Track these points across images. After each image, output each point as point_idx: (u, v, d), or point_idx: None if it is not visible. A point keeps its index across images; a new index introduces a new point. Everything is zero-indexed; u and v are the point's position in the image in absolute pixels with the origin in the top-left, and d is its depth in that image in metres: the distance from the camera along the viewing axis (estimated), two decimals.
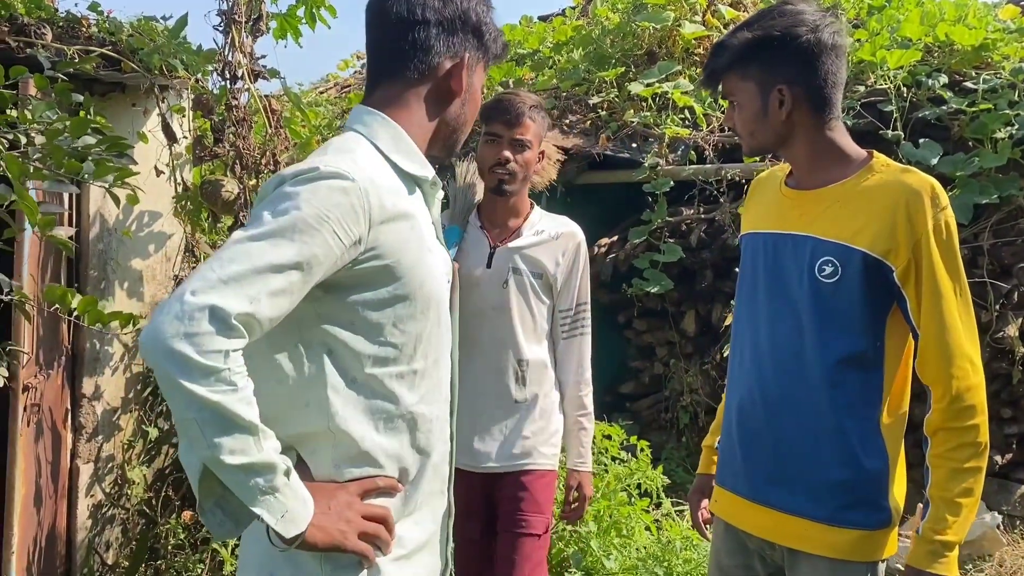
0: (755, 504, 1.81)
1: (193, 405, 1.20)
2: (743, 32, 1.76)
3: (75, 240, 3.50)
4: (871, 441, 1.71)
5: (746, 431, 1.84)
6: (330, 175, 1.32)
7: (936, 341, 1.65)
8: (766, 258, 1.82)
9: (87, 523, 3.57)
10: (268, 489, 1.25)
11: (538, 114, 2.46)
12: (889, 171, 1.73)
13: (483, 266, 2.48)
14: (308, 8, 4.04)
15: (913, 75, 4.46)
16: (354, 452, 1.40)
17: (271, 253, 1.25)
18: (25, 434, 2.97)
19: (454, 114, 1.54)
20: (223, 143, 3.20)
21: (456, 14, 1.50)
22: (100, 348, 3.57)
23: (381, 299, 1.40)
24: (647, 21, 5.16)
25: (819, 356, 1.72)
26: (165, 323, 1.20)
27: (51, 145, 1.86)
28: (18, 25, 3.20)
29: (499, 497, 2.50)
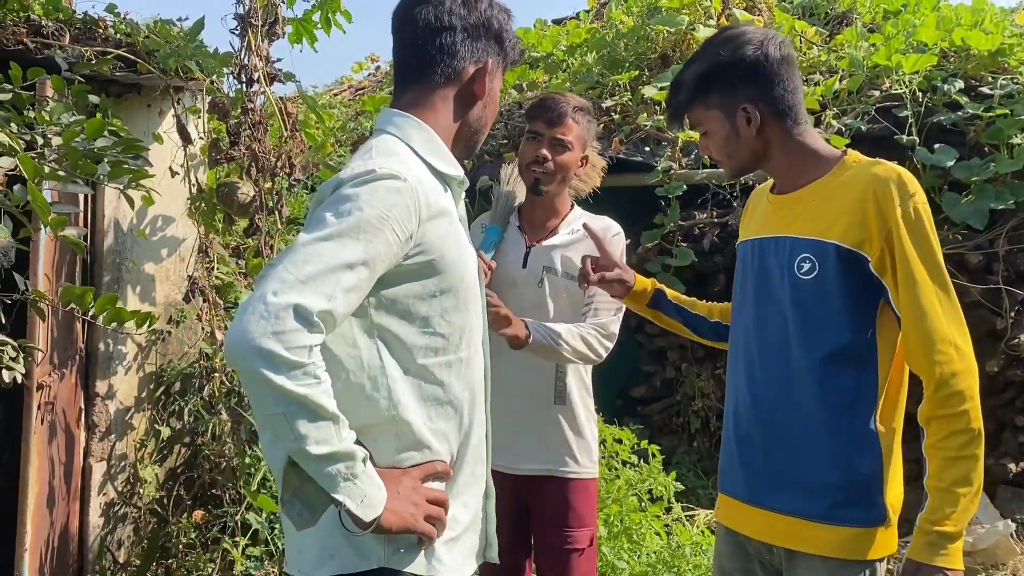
0: (751, 507, 1.83)
1: (282, 400, 1.27)
2: (695, 66, 1.81)
3: (89, 240, 3.52)
4: (865, 439, 1.70)
5: (741, 435, 1.86)
6: (386, 176, 1.41)
7: (916, 328, 1.64)
8: (753, 263, 1.86)
9: (99, 521, 3.59)
10: (349, 476, 1.34)
11: (583, 117, 2.44)
12: (859, 165, 1.77)
13: (519, 266, 2.46)
14: (324, 13, 4.06)
15: (929, 80, 4.44)
16: (413, 439, 1.49)
17: (341, 253, 1.33)
18: (39, 432, 2.99)
19: (476, 116, 1.63)
20: (239, 146, 3.21)
21: (480, 21, 1.58)
22: (114, 348, 3.59)
23: (428, 292, 1.49)
24: (661, 24, 5.15)
25: (805, 355, 1.74)
26: (251, 323, 1.26)
27: (67, 146, 1.87)
28: (36, 27, 3.23)
29: (536, 504, 2.45)
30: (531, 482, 2.43)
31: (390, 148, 1.50)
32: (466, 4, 1.57)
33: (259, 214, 3.13)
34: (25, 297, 2.05)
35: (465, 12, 1.56)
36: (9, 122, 2.01)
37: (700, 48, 1.87)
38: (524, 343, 2.29)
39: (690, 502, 4.10)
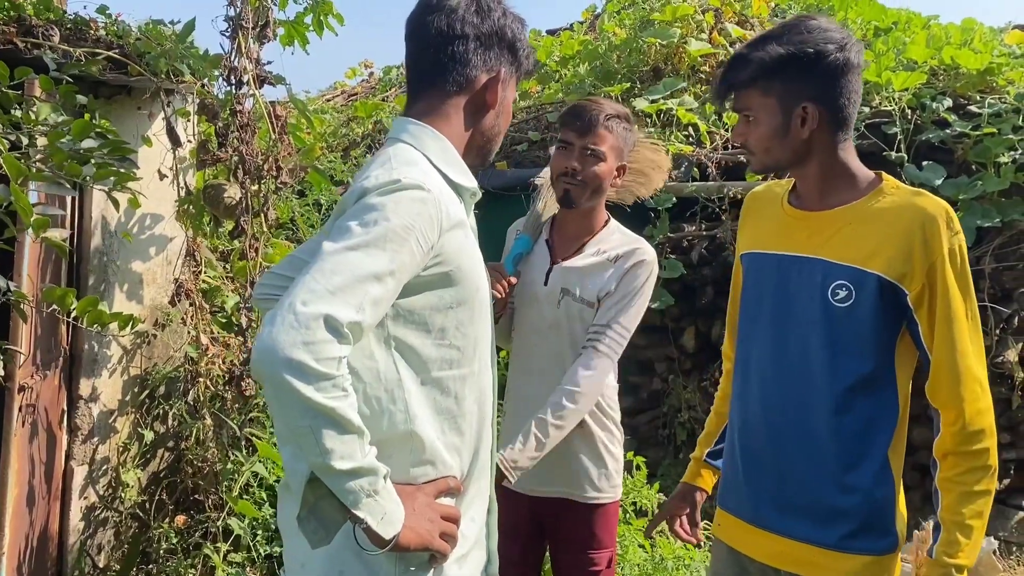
0: (759, 529, 1.78)
1: (309, 412, 1.25)
2: (772, 46, 1.68)
3: (76, 241, 3.50)
4: (880, 468, 1.69)
5: (748, 455, 1.82)
6: (411, 186, 1.40)
7: (948, 365, 1.64)
8: (771, 280, 1.79)
9: (79, 525, 3.56)
10: (371, 492, 1.32)
11: (618, 125, 2.30)
12: (901, 194, 1.71)
13: (541, 283, 2.36)
14: (316, 15, 4.05)
15: (918, 97, 4.47)
16: (426, 454, 1.47)
17: (368, 263, 1.31)
18: (20, 434, 2.96)
19: (488, 125, 1.62)
20: (226, 148, 3.20)
21: (493, 30, 1.57)
22: (98, 350, 3.57)
23: (445, 304, 1.48)
24: (653, 37, 5.17)
25: (828, 382, 1.70)
26: (281, 333, 1.24)
27: (52, 147, 1.86)
28: (26, 26, 3.21)
29: (553, 525, 2.39)
30: (548, 504, 2.36)
31: (409, 158, 1.49)
32: (479, 12, 1.56)
33: (244, 216, 3.11)
34: (7, 298, 2.03)
35: (478, 20, 1.56)
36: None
37: (779, 29, 1.73)
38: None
39: None
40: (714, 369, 4.71)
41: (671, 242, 4.77)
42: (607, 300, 2.31)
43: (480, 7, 1.57)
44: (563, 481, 2.33)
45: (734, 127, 1.83)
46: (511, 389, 2.42)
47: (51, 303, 2.13)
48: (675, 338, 5.02)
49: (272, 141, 3.23)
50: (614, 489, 2.39)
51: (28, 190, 1.92)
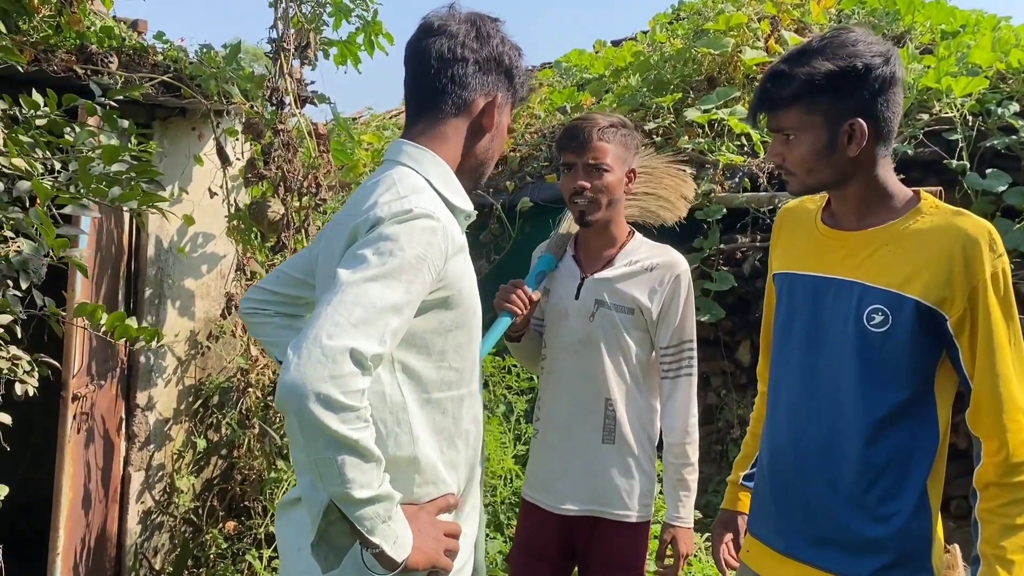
0: (789, 559, 1.73)
1: (333, 444, 1.28)
2: (818, 61, 1.59)
3: (134, 257, 3.68)
4: (918, 499, 1.63)
5: (778, 482, 1.77)
6: (421, 215, 1.43)
7: (991, 393, 1.58)
8: (805, 302, 1.74)
9: (136, 528, 3.72)
10: (386, 518, 1.35)
11: (615, 134, 2.28)
12: (940, 213, 1.64)
13: (571, 297, 2.34)
14: (367, 36, 4.16)
15: (982, 103, 4.29)
16: (430, 474, 1.51)
17: (387, 295, 1.35)
18: (74, 441, 3.12)
19: (483, 148, 1.65)
20: (270, 166, 3.32)
21: (491, 56, 1.61)
22: (154, 361, 3.73)
23: (445, 327, 1.51)
24: (706, 47, 5.11)
25: (861, 410, 1.65)
26: (309, 367, 1.26)
27: (82, 171, 1.97)
28: (87, 54, 3.40)
29: (580, 547, 2.36)
30: (578, 522, 2.33)
31: (414, 183, 1.51)
32: (479, 38, 1.60)
33: (286, 231, 3.22)
34: (43, 314, 2.15)
35: (477, 46, 1.59)
36: (35, 147, 2.12)
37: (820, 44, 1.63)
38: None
39: None
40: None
41: (723, 254, 4.69)
42: (661, 320, 2.30)
43: (480, 33, 1.61)
44: (593, 498, 2.31)
45: (770, 147, 1.74)
46: (543, 408, 2.40)
47: (82, 318, 2.24)
48: (729, 352, 4.93)
49: (313, 159, 3.33)
50: (646, 508, 2.34)
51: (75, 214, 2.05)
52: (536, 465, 2.40)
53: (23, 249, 2.14)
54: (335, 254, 1.53)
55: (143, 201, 2.09)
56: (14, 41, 3.13)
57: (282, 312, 1.78)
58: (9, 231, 2.27)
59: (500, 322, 2.25)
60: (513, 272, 2.56)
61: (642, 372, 2.33)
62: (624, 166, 2.30)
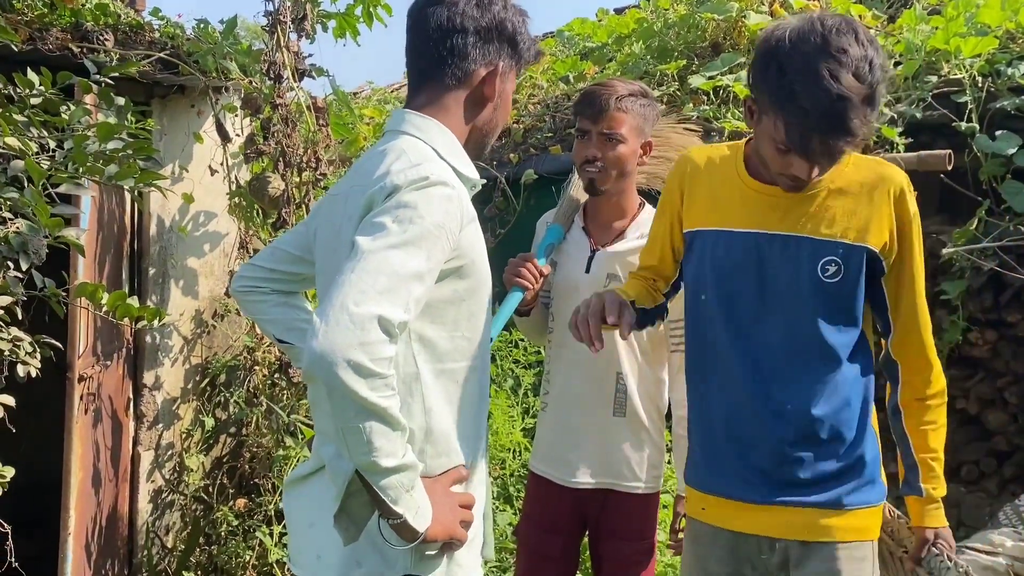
0: (762, 505, 1.79)
1: (363, 412, 1.28)
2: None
3: (136, 237, 3.66)
4: (869, 428, 1.81)
5: (744, 437, 1.81)
6: (438, 183, 1.42)
7: (917, 323, 1.80)
8: (748, 260, 1.77)
9: (147, 507, 3.74)
10: (409, 487, 1.36)
11: (634, 103, 2.23)
12: (864, 163, 1.78)
13: (582, 270, 2.31)
14: (365, 7, 4.10)
15: (992, 64, 4.21)
16: (442, 445, 1.50)
17: (409, 262, 1.34)
18: (81, 421, 3.13)
19: (486, 119, 1.63)
20: (269, 141, 3.29)
21: (493, 23, 1.57)
22: (160, 340, 3.73)
23: (458, 296, 1.50)
24: (710, 12, 5.03)
25: (822, 355, 1.76)
26: (338, 334, 1.25)
27: (77, 149, 1.95)
28: (82, 32, 3.36)
29: (591, 519, 2.36)
30: (590, 496, 2.32)
31: (424, 152, 1.50)
32: (479, 6, 1.57)
33: (286, 207, 3.19)
34: (44, 295, 2.14)
35: (478, 14, 1.56)
36: (29, 126, 2.10)
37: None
38: None
39: None
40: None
41: None
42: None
43: (480, 1, 1.57)
44: (606, 471, 2.30)
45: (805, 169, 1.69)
46: (553, 382, 2.37)
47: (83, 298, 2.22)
48: None
49: (312, 133, 3.30)
50: (656, 480, 2.35)
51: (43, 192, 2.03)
52: (545, 438, 2.39)
53: (22, 230, 2.13)
54: (342, 226, 1.51)
55: (140, 179, 2.07)
56: (8, 20, 3.09)
57: (278, 289, 1.75)
58: (7, 212, 2.26)
59: (511, 297, 2.23)
60: (519, 246, 2.53)
61: (651, 345, 2.32)
62: (640, 138, 2.26)
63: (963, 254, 3.89)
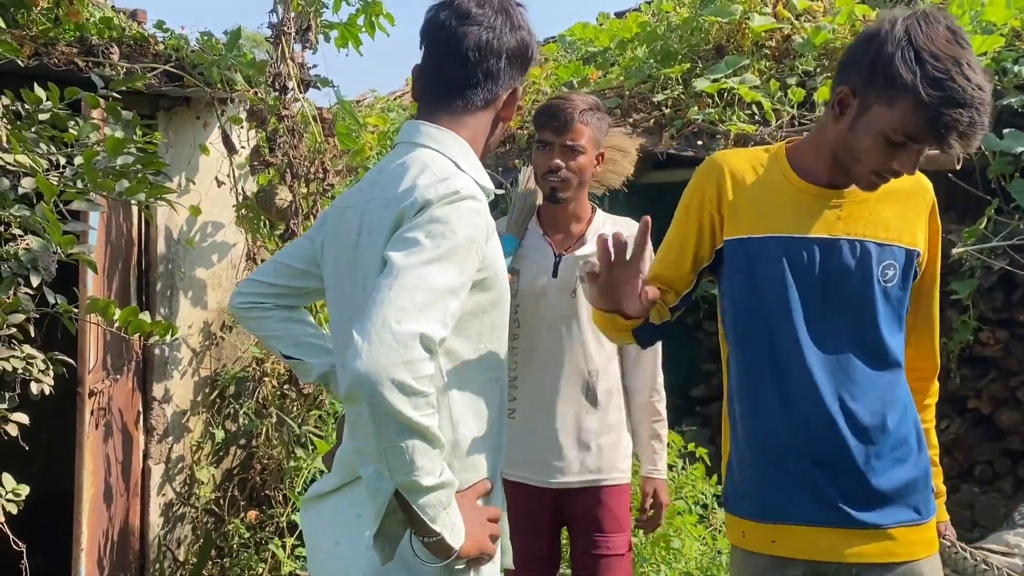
0: (844, 529, 1.66)
1: (405, 431, 1.27)
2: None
3: (144, 250, 3.66)
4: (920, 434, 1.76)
5: (820, 455, 1.67)
6: (467, 197, 1.42)
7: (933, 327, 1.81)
8: (811, 267, 1.68)
9: (159, 521, 3.73)
10: (446, 504, 1.35)
11: (592, 116, 2.36)
12: None
13: (548, 275, 2.40)
14: (367, 17, 4.11)
15: (998, 62, 4.20)
16: (470, 459, 1.50)
17: (444, 277, 1.34)
18: (92, 436, 3.12)
19: (496, 137, 1.64)
20: (276, 152, 3.28)
21: (520, 47, 1.57)
22: (169, 353, 3.72)
23: (481, 308, 1.49)
24: (713, 15, 5.02)
25: (886, 362, 1.71)
26: (382, 353, 1.24)
27: (86, 165, 1.94)
28: (87, 46, 3.36)
29: (573, 515, 2.41)
30: (573, 493, 2.38)
31: (447, 166, 1.49)
32: (512, 28, 1.55)
33: (295, 219, 3.19)
34: (56, 312, 2.13)
35: (510, 38, 1.55)
36: (39, 142, 2.09)
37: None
38: None
39: None
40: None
41: None
42: None
43: (513, 24, 1.56)
44: (589, 467, 2.38)
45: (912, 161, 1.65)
46: (523, 388, 2.41)
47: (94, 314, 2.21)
48: None
49: (319, 144, 3.29)
50: (629, 471, 2.46)
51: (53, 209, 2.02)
52: (519, 444, 2.34)
53: (32, 246, 2.12)
54: (361, 239, 1.49)
55: (151, 194, 2.06)
56: (14, 36, 3.09)
57: (281, 304, 1.72)
58: (17, 229, 2.25)
59: None
60: None
61: None
62: (597, 148, 2.40)
63: (973, 253, 3.87)
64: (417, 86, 1.63)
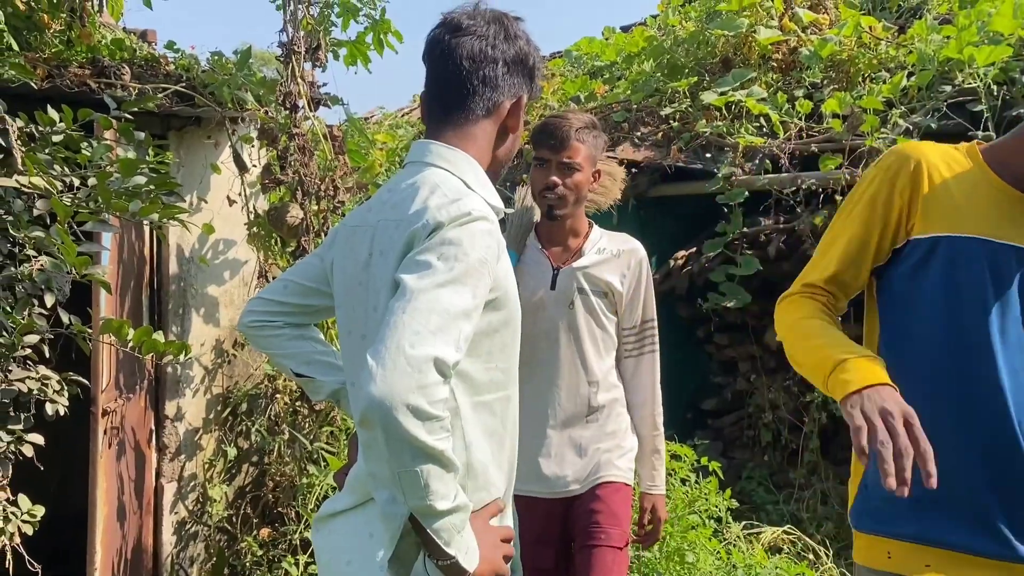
0: (1014, 565, 1.51)
1: (420, 456, 1.26)
2: None
3: (156, 269, 3.67)
4: None
5: (1004, 481, 1.53)
6: (479, 218, 1.42)
7: None
8: (1012, 276, 1.53)
9: (172, 539, 3.73)
10: (461, 527, 1.35)
11: (588, 135, 2.39)
12: None
13: (546, 288, 2.42)
14: (376, 35, 4.13)
15: (1006, 72, 4.20)
16: (481, 479, 1.49)
17: (457, 300, 1.33)
18: (106, 456, 3.12)
19: (507, 149, 1.63)
20: (287, 170, 3.30)
21: (518, 56, 1.58)
22: (181, 371, 3.73)
23: (492, 327, 1.48)
24: (719, 29, 5.04)
25: None
26: (396, 378, 1.24)
27: (101, 186, 1.95)
28: (99, 67, 3.39)
29: (574, 516, 2.42)
30: (571, 502, 2.41)
31: (457, 186, 1.49)
32: (507, 38, 1.56)
33: (306, 236, 3.20)
34: (70, 332, 2.14)
35: (507, 46, 1.56)
36: (53, 164, 2.11)
37: None
38: None
39: (758, 519, 3.97)
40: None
41: (747, 237, 4.63)
42: (629, 303, 2.44)
43: (508, 33, 1.57)
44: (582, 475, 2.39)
45: None
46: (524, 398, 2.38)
47: (108, 334, 2.22)
48: (757, 336, 4.88)
49: (329, 161, 3.31)
50: (630, 472, 2.46)
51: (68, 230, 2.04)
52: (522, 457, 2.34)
53: (45, 267, 2.14)
54: (372, 259, 1.49)
55: (164, 214, 2.07)
56: (27, 58, 3.12)
57: (291, 323, 1.72)
58: (31, 250, 2.27)
59: None
60: None
61: (613, 349, 2.47)
62: (592, 166, 2.42)
63: None
64: (423, 108, 1.65)
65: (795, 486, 4.45)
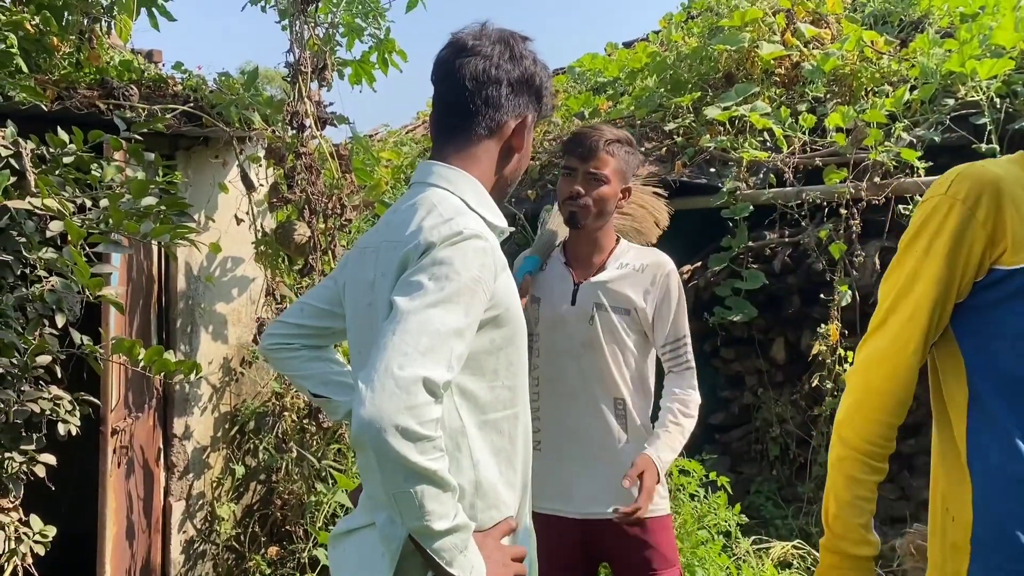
0: None
1: (412, 476, 1.27)
2: None
3: (164, 287, 3.69)
4: None
5: None
6: (471, 236, 1.42)
7: None
8: None
9: (180, 558, 3.72)
10: (463, 547, 1.34)
11: (619, 148, 2.35)
12: None
13: (568, 303, 2.38)
14: (380, 54, 4.17)
15: (1008, 84, 4.22)
16: (491, 498, 1.49)
17: (449, 320, 1.33)
18: (115, 475, 3.13)
19: (512, 169, 1.64)
20: (294, 189, 3.33)
21: (523, 76, 1.59)
22: (189, 389, 3.74)
23: (496, 345, 1.49)
24: (722, 44, 5.07)
25: None
26: (384, 400, 1.24)
27: (113, 208, 1.97)
28: (108, 88, 3.42)
29: (613, 548, 2.35)
30: (602, 525, 2.31)
31: (455, 205, 1.50)
32: (512, 59, 1.58)
33: (313, 254, 3.22)
34: (82, 352, 2.16)
35: (511, 67, 1.57)
36: (64, 186, 2.13)
37: None
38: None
39: (767, 534, 3.96)
40: (805, 381, 4.53)
41: (752, 252, 4.63)
42: (657, 319, 2.36)
43: (513, 54, 1.59)
44: (614, 498, 2.26)
45: None
46: (546, 419, 2.38)
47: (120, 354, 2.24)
48: (764, 350, 4.88)
49: (336, 180, 3.33)
50: (665, 500, 2.37)
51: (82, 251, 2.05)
52: (545, 475, 2.31)
53: (56, 287, 2.15)
54: (376, 280, 1.51)
55: (175, 235, 2.09)
56: (37, 80, 3.15)
57: (309, 345, 1.75)
58: (42, 270, 2.28)
59: None
60: None
61: (642, 369, 2.39)
62: (621, 182, 2.38)
63: None
64: (431, 130, 1.67)
65: (804, 500, 4.43)
